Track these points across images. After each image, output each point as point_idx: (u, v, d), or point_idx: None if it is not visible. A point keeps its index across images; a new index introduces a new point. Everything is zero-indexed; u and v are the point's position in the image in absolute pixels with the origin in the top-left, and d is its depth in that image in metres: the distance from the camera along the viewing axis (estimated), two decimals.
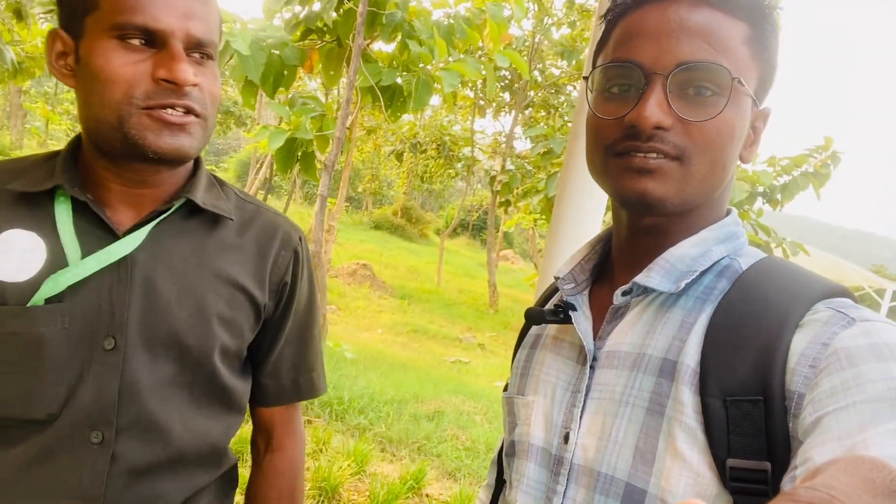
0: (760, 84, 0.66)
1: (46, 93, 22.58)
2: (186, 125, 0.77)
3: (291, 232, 0.96)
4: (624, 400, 0.64)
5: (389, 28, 4.93)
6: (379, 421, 3.92)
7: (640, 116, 0.61)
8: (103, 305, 0.79)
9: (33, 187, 0.80)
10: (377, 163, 22.38)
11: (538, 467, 0.71)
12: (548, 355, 0.76)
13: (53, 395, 0.78)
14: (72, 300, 0.78)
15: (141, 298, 0.81)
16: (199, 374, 0.85)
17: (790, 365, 0.54)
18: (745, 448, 0.54)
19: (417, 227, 23.02)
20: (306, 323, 1.00)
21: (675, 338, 0.63)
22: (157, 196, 0.85)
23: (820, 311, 0.57)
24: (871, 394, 0.48)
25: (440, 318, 10.81)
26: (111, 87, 0.74)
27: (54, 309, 0.78)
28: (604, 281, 0.76)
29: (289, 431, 1.03)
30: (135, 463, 0.81)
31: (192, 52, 0.77)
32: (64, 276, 0.77)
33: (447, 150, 12.61)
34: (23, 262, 0.78)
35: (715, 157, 0.63)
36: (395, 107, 5.06)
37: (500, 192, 10.21)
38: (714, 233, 0.68)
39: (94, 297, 0.79)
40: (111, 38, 0.74)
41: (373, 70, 4.83)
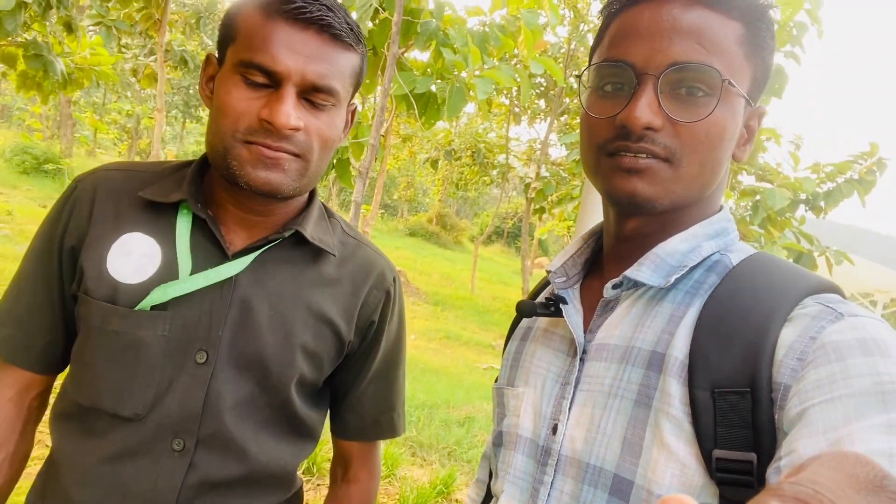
0: (754, 84, 0.66)
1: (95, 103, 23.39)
2: (281, 161, 0.79)
3: (386, 272, 0.97)
4: (612, 392, 0.65)
5: (424, 36, 4.98)
6: (410, 425, 3.93)
7: (631, 116, 0.62)
8: (202, 320, 0.83)
9: (161, 198, 0.85)
10: (413, 170, 22.53)
11: (525, 458, 0.71)
12: (538, 347, 0.77)
13: (142, 396, 0.82)
14: (175, 310, 0.82)
15: (236, 318, 0.84)
16: (275, 399, 0.88)
17: (778, 357, 0.55)
18: (732, 439, 0.55)
19: (452, 235, 23.05)
20: (392, 362, 1.01)
21: (663, 331, 0.64)
22: (269, 224, 0.88)
23: (809, 306, 0.57)
24: (858, 388, 0.49)
25: (473, 325, 10.80)
26: (223, 119, 0.79)
27: (157, 316, 0.82)
28: (595, 275, 0.77)
29: (365, 466, 1.05)
30: (209, 475, 0.84)
31: (308, 96, 0.79)
32: (173, 287, 0.81)
33: (482, 157, 12.63)
34: (139, 266, 0.83)
35: (704, 157, 0.64)
36: (430, 114, 5.10)
37: (535, 199, 10.17)
38: (705, 228, 0.68)
39: (196, 310, 0.83)
40: (236, 73, 0.78)
41: (407, 78, 4.89)
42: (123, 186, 0.87)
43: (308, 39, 0.77)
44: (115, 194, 0.87)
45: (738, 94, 0.64)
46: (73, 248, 0.86)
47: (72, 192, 0.89)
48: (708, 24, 0.62)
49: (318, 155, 0.82)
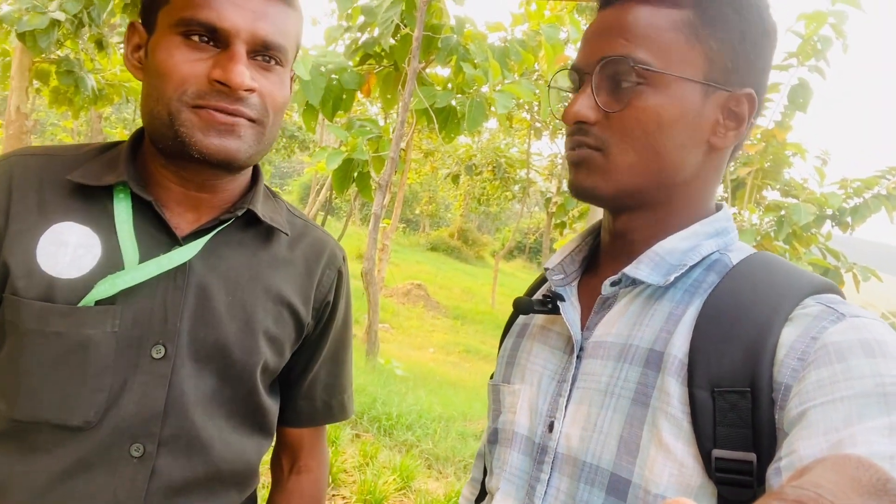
0: (716, 67, 0.64)
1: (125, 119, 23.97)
2: (236, 127, 0.73)
3: (336, 251, 0.94)
4: (609, 390, 0.64)
5: (445, 52, 5.04)
6: (426, 438, 3.92)
7: (565, 113, 0.67)
8: (156, 311, 0.76)
9: (94, 181, 0.77)
10: (435, 185, 22.63)
11: (521, 455, 0.71)
12: (535, 345, 0.77)
13: (92, 401, 0.74)
14: (124, 302, 0.75)
15: (194, 307, 0.78)
16: (239, 390, 0.83)
17: (779, 357, 0.55)
18: (732, 439, 0.55)
19: (473, 249, 23.05)
20: (342, 344, 0.98)
21: (662, 329, 0.63)
22: (217, 203, 0.82)
23: (809, 306, 0.57)
24: (859, 389, 0.49)
25: (493, 339, 10.75)
26: (165, 83, 0.72)
27: (105, 311, 0.74)
28: (592, 273, 0.77)
29: (315, 453, 1.00)
30: (173, 480, 0.77)
31: (256, 56, 0.74)
32: (122, 278, 0.74)
33: (503, 172, 12.66)
34: (76, 257, 0.74)
35: (640, 145, 0.64)
36: (450, 128, 5.14)
37: (556, 214, 10.15)
38: (705, 227, 0.68)
39: (148, 302, 0.76)
40: (176, 33, 0.72)
41: (428, 93, 4.94)
42: (44, 172, 0.78)
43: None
44: (35, 182, 0.77)
45: (677, 80, 0.63)
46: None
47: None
48: (636, 18, 0.64)
49: (272, 119, 0.77)
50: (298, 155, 20.51)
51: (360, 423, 3.90)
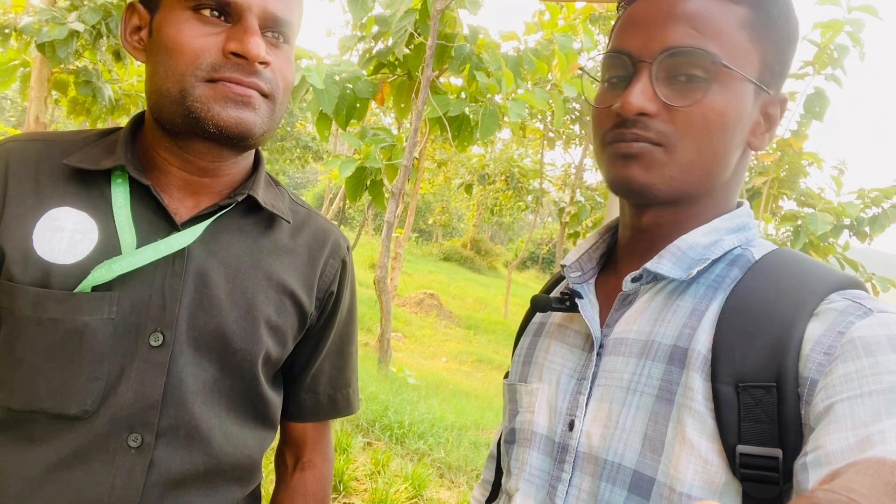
0: (766, 68, 0.64)
1: None
2: (251, 99, 0.72)
3: (340, 241, 0.92)
4: (632, 388, 0.63)
5: (458, 60, 5.06)
6: (438, 447, 3.90)
7: (625, 103, 0.62)
8: (154, 298, 0.74)
9: (91, 165, 0.76)
10: (448, 195, 22.67)
11: (541, 455, 0.70)
12: (553, 343, 0.75)
13: (89, 390, 0.72)
14: (122, 289, 0.73)
15: (193, 294, 0.76)
16: (240, 381, 0.81)
17: (804, 352, 0.54)
18: (757, 434, 0.54)
19: (486, 260, 23.02)
20: (346, 336, 0.96)
21: (685, 325, 0.62)
22: (217, 188, 0.81)
23: (835, 301, 0.56)
24: (888, 384, 0.48)
25: (506, 349, 10.70)
26: (177, 57, 0.71)
27: (102, 297, 0.72)
28: (610, 270, 0.76)
29: (319, 448, 0.98)
30: (172, 472, 0.75)
31: (267, 31, 0.74)
32: (118, 263, 0.72)
33: (516, 182, 12.65)
34: (72, 243, 0.73)
35: (701, 143, 0.62)
36: (463, 136, 5.15)
37: (569, 224, 10.12)
38: (726, 223, 0.67)
39: (146, 288, 0.74)
40: (186, 9, 0.71)
41: (441, 101, 4.95)
42: (41, 157, 0.77)
43: None
44: (32, 166, 0.76)
45: (741, 79, 0.62)
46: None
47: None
48: (704, 9, 0.62)
49: (282, 96, 0.77)
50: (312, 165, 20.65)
51: (372, 432, 3.88)
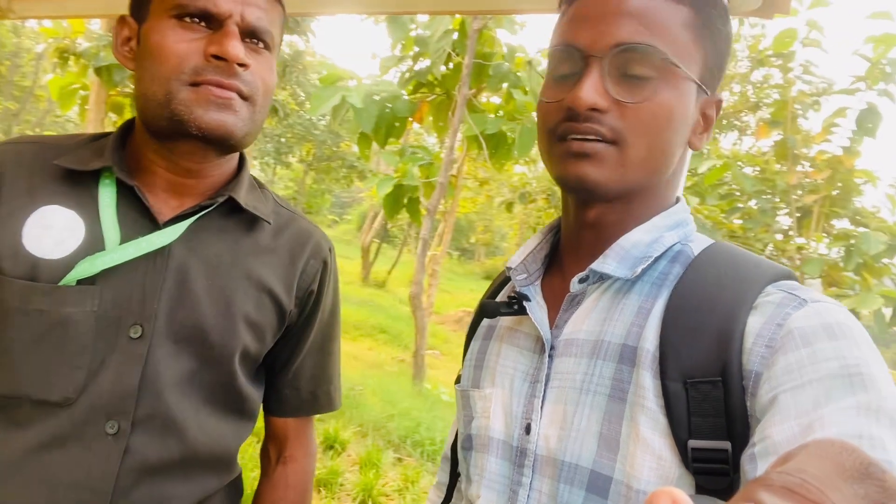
0: (707, 70, 0.65)
1: None
2: (232, 102, 0.76)
3: (322, 242, 0.95)
4: (584, 388, 0.64)
5: (496, 79, 5.11)
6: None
7: (576, 98, 0.61)
8: (135, 292, 0.78)
9: (80, 166, 0.80)
10: (490, 214, 22.69)
11: (500, 461, 0.70)
12: (503, 346, 0.75)
13: (72, 378, 0.76)
14: (104, 283, 0.77)
15: (172, 290, 0.80)
16: (218, 375, 0.84)
17: (746, 345, 0.55)
18: (706, 428, 0.55)
19: None
20: (328, 335, 0.98)
21: (633, 324, 0.63)
22: (201, 189, 0.85)
23: (772, 294, 0.58)
24: (826, 371, 0.50)
25: None
26: (162, 62, 0.75)
27: (85, 290, 0.76)
28: (554, 271, 0.76)
29: (301, 443, 1.01)
30: (147, 459, 0.78)
31: (247, 38, 0.78)
32: (101, 259, 0.76)
33: (557, 200, 12.58)
34: (60, 240, 0.77)
35: (652, 140, 0.63)
36: (500, 154, 5.17)
37: None
38: (665, 220, 0.68)
39: (127, 283, 0.78)
40: (170, 17, 0.76)
41: (478, 119, 5.00)
42: (35, 158, 0.82)
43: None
44: (26, 167, 0.81)
45: (685, 78, 0.63)
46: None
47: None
48: (653, 7, 0.62)
49: (262, 99, 0.80)
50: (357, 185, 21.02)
51: (403, 448, 3.88)
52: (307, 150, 20.82)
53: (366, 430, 4.02)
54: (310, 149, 20.73)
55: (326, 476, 3.09)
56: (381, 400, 4.80)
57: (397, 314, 10.67)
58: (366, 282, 14.89)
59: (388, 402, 4.75)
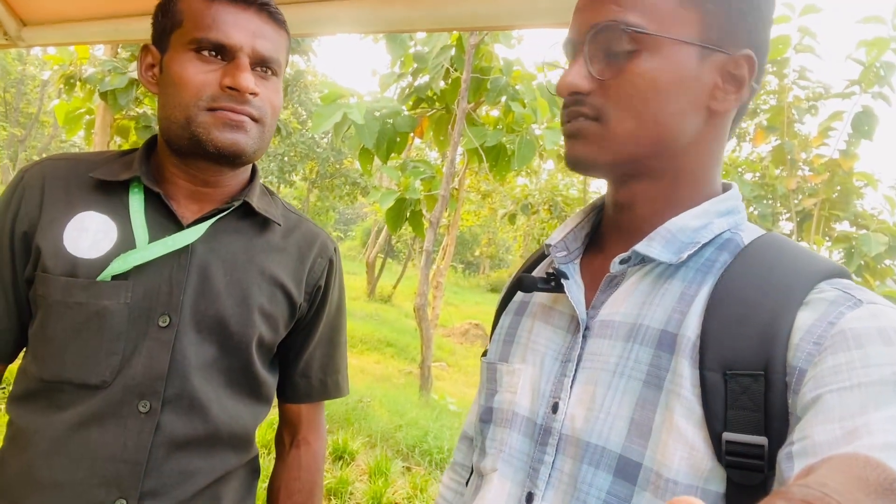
0: (713, 28, 0.63)
1: None
2: (244, 124, 0.86)
3: (328, 242, 1.05)
4: (619, 371, 0.62)
5: (494, 93, 5.18)
6: None
7: (559, 85, 0.64)
8: (163, 286, 0.87)
9: (112, 177, 0.90)
10: (494, 227, 22.73)
11: (522, 437, 0.69)
12: (536, 323, 0.74)
13: (108, 363, 0.85)
14: (136, 279, 0.87)
15: (195, 284, 0.89)
16: (236, 360, 0.93)
17: (793, 341, 0.53)
18: (743, 422, 0.54)
19: None
20: (335, 327, 1.08)
21: (674, 310, 0.61)
22: (218, 196, 0.95)
23: (826, 291, 0.55)
24: (877, 377, 0.48)
25: None
26: (183, 91, 0.85)
27: (119, 285, 0.86)
28: (595, 250, 0.75)
29: (313, 428, 1.10)
30: (175, 435, 0.87)
31: (256, 67, 0.88)
32: (132, 256, 0.86)
33: (559, 211, 12.62)
34: (95, 241, 0.87)
35: (638, 111, 0.62)
36: (500, 166, 5.23)
37: None
38: (716, 206, 0.66)
39: (156, 278, 0.87)
40: (189, 50, 0.86)
41: (478, 132, 5.06)
42: (71, 172, 0.93)
43: (251, 18, 0.87)
44: (63, 180, 0.92)
45: (672, 43, 0.62)
46: (26, 234, 0.89)
47: (19, 182, 0.93)
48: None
49: (270, 120, 0.90)
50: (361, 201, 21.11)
51: (412, 457, 3.91)
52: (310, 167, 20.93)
53: (374, 441, 4.05)
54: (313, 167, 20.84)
55: (336, 485, 3.12)
56: (389, 411, 4.83)
57: (403, 328, 10.69)
58: (371, 297, 14.92)
59: (395, 412, 4.78)
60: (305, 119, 19.33)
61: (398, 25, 1.66)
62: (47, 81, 18.71)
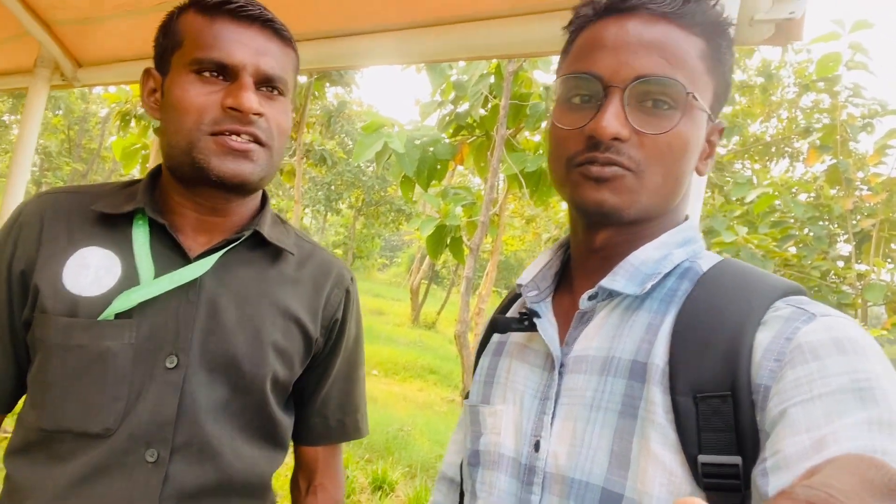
0: (716, 99, 0.67)
1: None
2: (249, 152, 0.81)
3: (344, 273, 0.99)
4: (595, 404, 0.63)
5: (533, 118, 5.18)
6: None
7: (599, 127, 0.62)
8: (170, 324, 0.82)
9: (115, 209, 0.85)
10: (538, 251, 22.55)
11: (509, 478, 0.69)
12: (514, 363, 0.75)
13: (112, 409, 0.79)
14: (140, 317, 0.81)
15: (205, 320, 0.83)
16: (250, 401, 0.87)
17: (755, 359, 0.55)
18: (716, 443, 0.55)
19: None
20: (353, 362, 1.01)
21: (642, 340, 0.63)
22: (227, 226, 0.89)
23: (781, 309, 0.58)
24: (836, 386, 0.49)
25: None
26: (184, 114, 0.80)
27: (123, 324, 0.80)
28: (565, 288, 0.76)
29: (330, 473, 1.04)
30: (186, 486, 0.81)
31: (261, 87, 0.83)
32: (137, 293, 0.80)
33: None
34: (97, 278, 0.82)
35: (668, 169, 0.64)
36: (541, 192, 5.21)
37: None
38: (674, 237, 0.68)
39: (162, 315, 0.82)
40: (190, 72, 0.81)
41: (518, 158, 5.06)
42: (72, 206, 0.87)
43: (254, 34, 0.82)
44: (64, 214, 0.87)
45: (700, 108, 0.65)
46: (23, 273, 0.84)
47: (16, 219, 0.87)
48: (672, 39, 0.63)
49: (277, 143, 0.85)
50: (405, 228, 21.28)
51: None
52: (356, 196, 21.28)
53: (414, 471, 4.00)
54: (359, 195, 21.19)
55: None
56: (430, 440, 4.78)
57: (447, 354, 10.64)
58: (415, 323, 14.95)
59: (436, 441, 4.72)
60: (351, 149, 19.73)
61: (435, 55, 1.68)
62: (106, 118, 19.68)
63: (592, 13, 0.68)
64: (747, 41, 1.21)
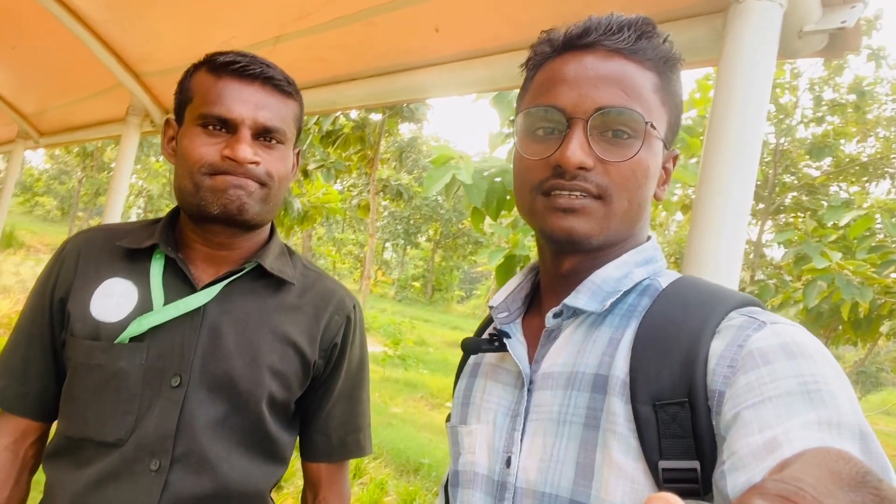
0: (669, 128, 0.72)
1: (335, 238, 26.98)
2: (246, 186, 0.91)
3: (346, 299, 1.07)
4: (561, 419, 0.66)
5: None
6: None
7: (564, 157, 0.66)
8: (175, 347, 0.92)
9: (136, 244, 0.98)
10: None
11: (484, 495, 0.72)
12: (488, 383, 0.78)
13: (123, 421, 0.90)
14: (151, 341, 0.92)
15: (206, 344, 0.93)
16: (247, 418, 0.95)
17: (710, 367, 0.58)
18: (676, 449, 0.57)
19: None
20: (357, 384, 1.08)
21: (604, 354, 0.66)
22: (233, 258, 1.00)
23: (734, 318, 0.61)
24: (785, 388, 0.52)
25: None
26: (189, 161, 0.92)
27: (135, 347, 0.92)
28: (535, 309, 0.79)
29: (333, 489, 1.09)
30: (183, 493, 0.90)
31: (260, 137, 0.93)
32: (147, 318, 0.92)
33: (680, 256, 11.99)
34: (117, 305, 0.94)
35: (632, 195, 0.68)
36: None
37: None
38: (634, 256, 0.72)
39: (170, 339, 0.92)
40: (197, 125, 0.92)
41: None
42: (103, 242, 1.01)
43: (254, 91, 0.92)
44: (96, 249, 1.00)
45: (657, 137, 0.69)
46: (62, 300, 0.97)
47: (61, 253, 1.02)
48: (628, 73, 0.67)
49: (277, 185, 0.95)
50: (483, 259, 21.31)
51: None
52: (434, 229, 21.61)
53: None
54: (437, 228, 21.51)
55: None
56: None
57: None
58: None
59: None
60: None
61: (491, 85, 1.73)
62: None
63: (550, 50, 0.72)
64: (796, 54, 1.17)
